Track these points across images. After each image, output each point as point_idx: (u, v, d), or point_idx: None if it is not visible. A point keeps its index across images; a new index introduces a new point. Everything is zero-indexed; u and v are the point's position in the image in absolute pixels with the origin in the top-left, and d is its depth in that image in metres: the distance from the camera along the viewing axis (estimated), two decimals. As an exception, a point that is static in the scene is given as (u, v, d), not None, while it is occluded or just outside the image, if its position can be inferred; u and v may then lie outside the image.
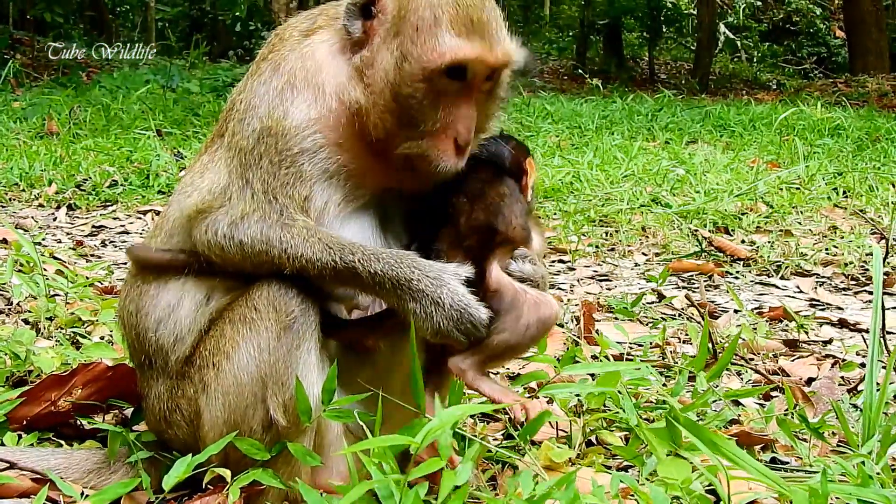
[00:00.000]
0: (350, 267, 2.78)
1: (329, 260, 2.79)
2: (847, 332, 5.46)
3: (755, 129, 14.88)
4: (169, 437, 3.06)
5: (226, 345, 2.87)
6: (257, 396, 2.81)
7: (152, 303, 3.00)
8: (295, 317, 2.80)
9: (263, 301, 2.83)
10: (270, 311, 2.81)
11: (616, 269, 6.99)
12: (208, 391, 2.89)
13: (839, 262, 7.00)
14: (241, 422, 2.84)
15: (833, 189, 9.54)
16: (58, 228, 7.85)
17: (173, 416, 3.00)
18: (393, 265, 2.79)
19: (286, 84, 2.94)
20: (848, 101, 18.92)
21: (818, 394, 4.10)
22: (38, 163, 9.88)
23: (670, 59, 33.48)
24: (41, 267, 5.05)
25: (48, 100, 14.59)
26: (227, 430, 2.85)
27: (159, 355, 3.00)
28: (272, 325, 2.80)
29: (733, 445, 2.80)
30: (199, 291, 2.96)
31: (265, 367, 2.80)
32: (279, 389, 2.79)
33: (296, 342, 2.80)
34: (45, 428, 3.44)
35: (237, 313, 2.88)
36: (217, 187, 2.92)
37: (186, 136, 12.56)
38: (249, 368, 2.82)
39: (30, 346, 3.94)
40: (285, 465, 2.85)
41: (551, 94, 20.61)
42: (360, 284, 2.82)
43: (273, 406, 2.80)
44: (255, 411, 2.82)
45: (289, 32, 3.07)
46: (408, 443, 2.36)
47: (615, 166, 10.54)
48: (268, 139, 2.89)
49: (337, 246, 2.80)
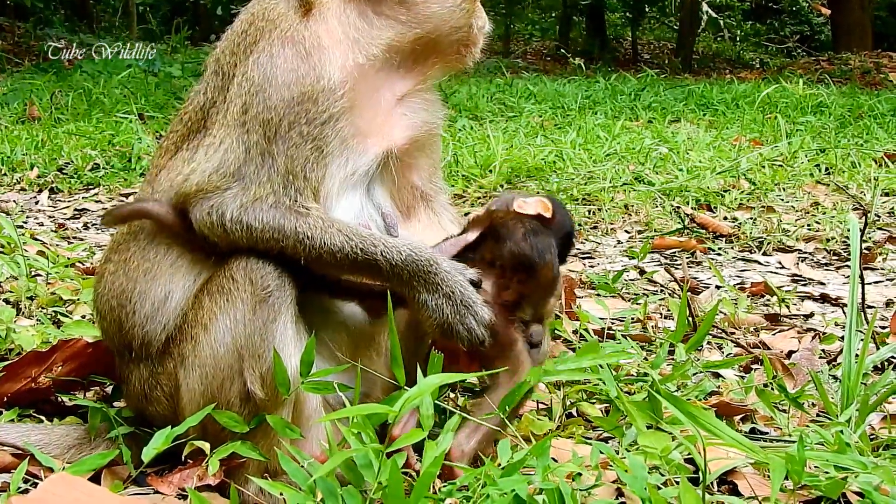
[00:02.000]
0: (371, 258, 2.82)
1: (350, 251, 2.81)
2: (829, 307, 5.50)
3: (738, 107, 14.88)
4: (150, 413, 3.05)
5: (203, 316, 2.86)
6: (234, 369, 2.81)
7: (140, 300, 2.96)
8: (270, 290, 2.79)
9: (240, 273, 2.82)
10: (247, 284, 2.80)
11: (599, 246, 7.01)
12: (186, 364, 2.88)
13: (821, 238, 7.04)
14: (219, 394, 2.83)
15: (815, 166, 9.57)
16: (40, 212, 7.82)
17: (154, 393, 3.00)
18: (414, 257, 2.83)
19: (311, 47, 2.94)
20: (831, 78, 18.90)
21: (798, 365, 4.13)
22: (19, 147, 9.82)
23: (653, 38, 33.45)
24: (22, 248, 5.03)
25: (29, 85, 14.49)
26: (204, 403, 2.85)
27: (144, 345, 2.99)
28: (248, 298, 2.79)
29: (712, 416, 2.83)
30: (187, 280, 2.95)
31: (241, 340, 2.80)
32: (256, 362, 2.79)
33: (272, 315, 2.79)
34: (26, 405, 3.44)
35: (215, 284, 2.86)
36: (228, 167, 2.87)
37: (168, 119, 12.46)
38: (226, 340, 2.82)
39: (10, 325, 3.93)
40: (264, 437, 2.85)
41: (534, 75, 20.55)
42: (377, 274, 2.86)
43: (250, 379, 2.79)
44: (232, 384, 2.82)
45: (276, 12, 3.03)
46: (386, 411, 2.37)
47: (598, 145, 10.54)
48: (300, 106, 2.88)
49: (357, 237, 2.83)
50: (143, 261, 3.00)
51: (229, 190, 2.84)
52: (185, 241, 2.95)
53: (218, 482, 2.82)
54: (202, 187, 2.86)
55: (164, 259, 2.97)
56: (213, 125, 2.97)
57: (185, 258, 2.96)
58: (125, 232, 3.11)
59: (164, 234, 2.99)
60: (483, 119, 12.57)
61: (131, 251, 3.04)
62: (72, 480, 2.48)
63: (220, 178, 2.86)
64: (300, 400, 2.89)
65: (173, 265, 2.97)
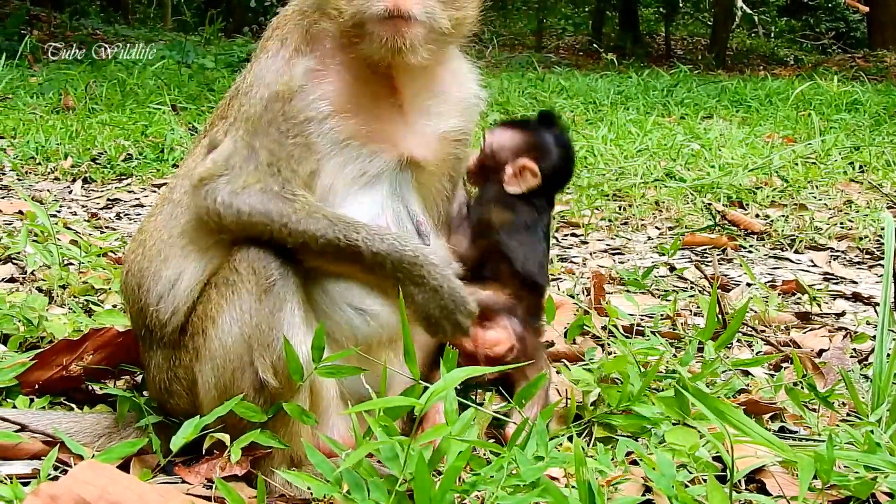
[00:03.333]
0: (353, 244, 2.83)
1: (333, 236, 2.82)
2: (861, 306, 5.45)
3: (771, 104, 14.77)
4: (171, 406, 3.09)
5: (211, 310, 2.89)
6: (244, 359, 2.83)
7: (154, 278, 3.01)
8: (274, 280, 2.82)
9: (244, 264, 2.85)
10: (250, 274, 2.83)
11: (629, 242, 6.97)
12: (200, 358, 2.92)
13: (854, 236, 6.97)
14: (232, 386, 2.85)
15: (849, 163, 9.48)
16: (73, 201, 7.87)
17: (173, 386, 3.04)
18: (398, 247, 2.85)
19: (294, 52, 3.00)
20: (866, 76, 18.67)
21: (829, 364, 4.10)
22: (54, 137, 9.90)
23: (687, 34, 33.25)
24: (55, 236, 5.07)
25: (64, 75, 14.62)
26: (219, 395, 2.88)
27: (157, 327, 3.03)
28: (253, 288, 2.82)
29: (740, 413, 2.81)
30: (198, 264, 2.98)
31: (249, 330, 2.82)
32: (265, 351, 2.81)
33: (277, 304, 2.81)
34: (57, 392, 3.47)
35: (221, 277, 2.90)
36: (220, 156, 2.94)
37: (201, 111, 12.56)
38: (234, 331, 2.84)
39: (42, 313, 3.97)
40: (283, 426, 2.87)
41: (566, 70, 20.50)
42: (362, 263, 2.85)
43: (261, 368, 2.81)
44: (244, 374, 2.84)
45: (292, 9, 3.13)
46: (412, 404, 2.37)
47: (629, 141, 10.49)
48: (275, 104, 2.92)
49: (341, 223, 2.84)
50: (159, 241, 3.06)
51: (222, 177, 2.91)
52: (197, 227, 3.00)
53: (245, 472, 2.84)
54: (202, 175, 2.94)
55: (177, 241, 3.02)
56: (222, 120, 3.09)
57: (196, 244, 3.00)
58: (148, 214, 3.19)
59: (179, 219, 3.04)
60: (515, 114, 12.53)
61: (149, 232, 3.11)
62: (100, 468, 2.49)
63: (216, 167, 2.93)
64: (316, 388, 2.91)
65: (184, 248, 3.01)
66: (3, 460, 3.00)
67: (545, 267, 3.40)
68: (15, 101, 12.50)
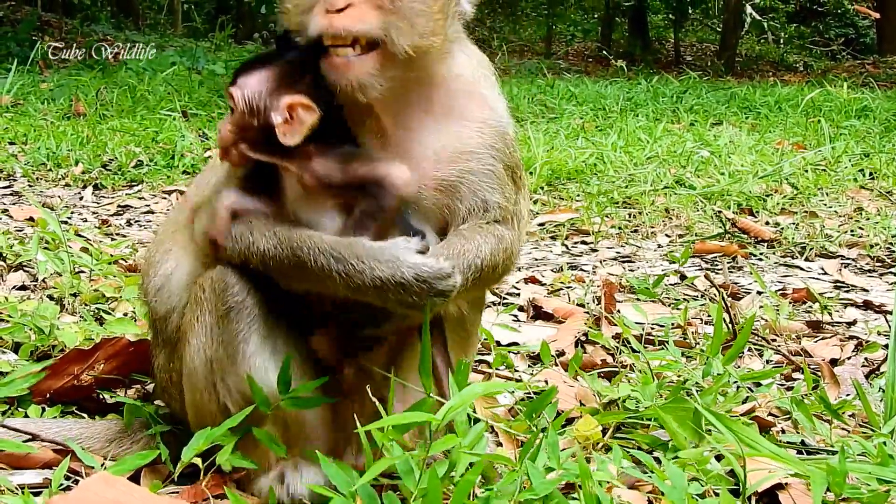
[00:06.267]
0: (300, 262, 2.64)
1: (282, 255, 2.65)
2: (872, 314, 5.43)
3: (781, 110, 14.75)
4: (172, 408, 3.10)
5: (187, 324, 2.84)
6: (209, 381, 2.78)
7: (155, 270, 3.01)
8: (230, 306, 2.72)
9: (208, 283, 2.77)
10: (212, 295, 2.75)
11: (639, 250, 6.97)
12: (182, 368, 2.88)
13: (864, 244, 6.95)
14: (202, 404, 2.81)
15: (859, 170, 9.46)
16: (84, 208, 7.89)
17: (170, 388, 3.03)
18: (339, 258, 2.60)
19: None
20: (876, 82, 18.69)
21: (842, 377, 4.08)
22: (64, 143, 9.94)
23: (696, 40, 33.24)
24: (66, 244, 5.08)
25: (75, 81, 14.66)
26: (193, 410, 2.85)
27: (158, 323, 3.02)
28: (214, 311, 2.74)
29: (754, 430, 2.80)
30: (190, 262, 2.93)
31: (211, 353, 2.76)
32: (226, 377, 2.75)
33: (235, 332, 2.72)
34: (68, 401, 3.48)
35: (194, 292, 2.83)
36: (209, 187, 2.91)
37: (212, 117, 12.59)
38: (200, 352, 2.78)
39: (53, 321, 3.98)
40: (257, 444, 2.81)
41: (576, 76, 20.50)
42: (319, 282, 2.65)
43: (222, 394, 2.76)
44: (210, 396, 2.79)
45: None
46: (428, 419, 2.35)
47: (639, 148, 10.49)
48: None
49: (287, 240, 2.66)
50: (166, 232, 3.07)
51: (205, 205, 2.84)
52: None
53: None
54: (196, 203, 2.91)
55: (182, 233, 2.99)
56: None
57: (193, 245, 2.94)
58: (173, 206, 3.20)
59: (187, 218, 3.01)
60: (524, 120, 12.54)
61: (163, 225, 3.13)
62: (112, 480, 2.50)
63: (203, 195, 2.89)
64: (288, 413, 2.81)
65: (186, 245, 2.96)
66: (15, 469, 3.00)
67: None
68: (26, 107, 12.55)
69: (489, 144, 2.90)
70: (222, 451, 2.73)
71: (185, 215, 3.00)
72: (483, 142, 2.89)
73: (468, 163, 2.86)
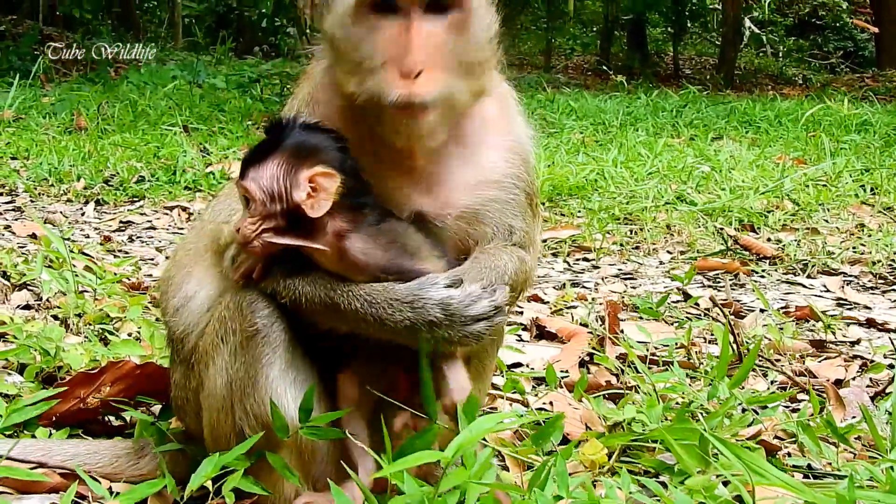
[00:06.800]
0: (334, 304, 2.64)
1: (316, 295, 2.66)
2: (875, 332, 5.43)
3: (781, 125, 14.78)
4: (186, 425, 3.10)
5: (209, 343, 2.83)
6: (227, 403, 2.76)
7: (174, 291, 3.00)
8: (257, 329, 2.70)
9: (232, 305, 2.76)
10: (238, 316, 2.73)
11: (641, 267, 6.97)
12: (201, 388, 2.88)
13: (867, 261, 6.95)
14: (218, 424, 2.80)
15: (860, 186, 9.47)
16: (86, 223, 7.90)
17: (185, 405, 3.03)
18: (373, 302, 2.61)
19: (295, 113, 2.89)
20: (875, 96, 18.75)
21: (847, 399, 4.08)
22: (66, 158, 9.96)
23: (695, 54, 33.29)
24: (71, 263, 5.08)
25: (77, 95, 14.69)
26: (210, 431, 2.84)
27: (176, 342, 3.02)
28: (238, 332, 2.73)
29: (759, 457, 2.79)
30: (212, 288, 2.92)
31: (232, 375, 2.74)
32: (245, 400, 2.73)
33: (259, 356, 2.71)
34: (74, 424, 3.48)
35: (219, 311, 2.82)
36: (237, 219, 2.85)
37: (213, 132, 12.62)
38: (221, 373, 2.77)
39: (59, 343, 3.98)
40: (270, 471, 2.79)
41: (575, 90, 20.55)
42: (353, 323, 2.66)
43: (239, 416, 2.74)
44: (227, 418, 2.77)
45: (311, 65, 3.02)
46: (438, 457, 2.35)
47: (640, 163, 10.51)
48: None
49: (321, 281, 2.67)
50: (187, 253, 3.04)
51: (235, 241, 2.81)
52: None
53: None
54: (227, 241, 2.86)
55: (203, 257, 2.97)
56: None
57: (219, 267, 2.91)
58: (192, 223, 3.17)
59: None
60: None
61: (183, 242, 3.11)
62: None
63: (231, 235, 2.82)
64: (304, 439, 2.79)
65: (208, 269, 2.95)
66: (22, 494, 3.00)
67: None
68: (28, 122, 12.58)
69: (514, 174, 2.94)
70: (231, 476, 2.72)
71: (205, 241, 2.98)
72: (509, 171, 2.93)
73: (493, 192, 2.89)
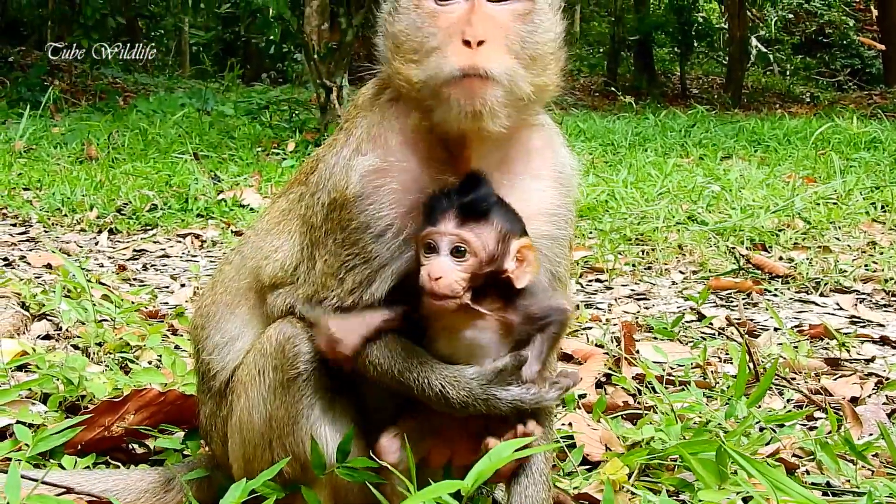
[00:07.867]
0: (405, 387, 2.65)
1: (391, 369, 2.66)
2: (889, 350, 5.44)
3: (790, 143, 14.82)
4: (213, 451, 3.12)
5: (246, 377, 2.83)
6: (265, 438, 2.78)
7: (216, 327, 3.00)
8: (300, 371, 2.72)
9: (273, 343, 2.76)
10: (281, 356, 2.74)
11: (653, 287, 6.99)
12: (233, 418, 2.89)
13: (879, 278, 6.97)
14: (252, 459, 2.82)
15: (871, 203, 9.49)
16: (100, 253, 7.95)
17: (212, 433, 3.06)
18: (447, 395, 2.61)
19: (354, 151, 2.74)
20: (884, 113, 18.77)
21: (864, 416, 4.09)
22: (79, 188, 10.03)
23: (702, 73, 33.39)
24: (90, 294, 5.13)
25: (87, 125, 14.81)
26: (243, 462, 2.86)
27: (208, 376, 3.03)
28: (279, 371, 2.74)
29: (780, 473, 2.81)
30: (259, 330, 2.90)
31: (271, 411, 2.76)
32: (284, 437, 2.76)
33: (300, 396, 2.73)
34: (98, 452, 3.51)
35: (259, 347, 2.82)
36: (289, 264, 2.85)
37: (223, 158, 12.71)
38: (258, 408, 2.79)
39: (82, 373, 4.02)
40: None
41: (583, 112, 20.62)
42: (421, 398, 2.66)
43: (277, 452, 2.77)
44: (263, 452, 2.80)
45: (362, 98, 2.90)
46: (458, 487, 2.39)
47: (650, 184, 10.54)
48: (332, 214, 2.72)
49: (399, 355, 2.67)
50: (229, 290, 3.02)
51: (292, 285, 2.82)
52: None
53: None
54: (274, 281, 2.86)
55: (246, 296, 2.97)
56: (292, 190, 3.00)
57: (261, 309, 2.92)
58: (229, 250, 3.13)
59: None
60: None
61: (223, 275, 3.08)
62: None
63: (284, 274, 2.84)
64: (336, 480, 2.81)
65: (252, 309, 2.95)
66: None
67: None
68: (39, 152, 12.67)
69: (566, 206, 2.87)
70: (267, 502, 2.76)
71: (247, 279, 2.96)
72: (561, 202, 2.86)
73: (546, 225, 2.82)
